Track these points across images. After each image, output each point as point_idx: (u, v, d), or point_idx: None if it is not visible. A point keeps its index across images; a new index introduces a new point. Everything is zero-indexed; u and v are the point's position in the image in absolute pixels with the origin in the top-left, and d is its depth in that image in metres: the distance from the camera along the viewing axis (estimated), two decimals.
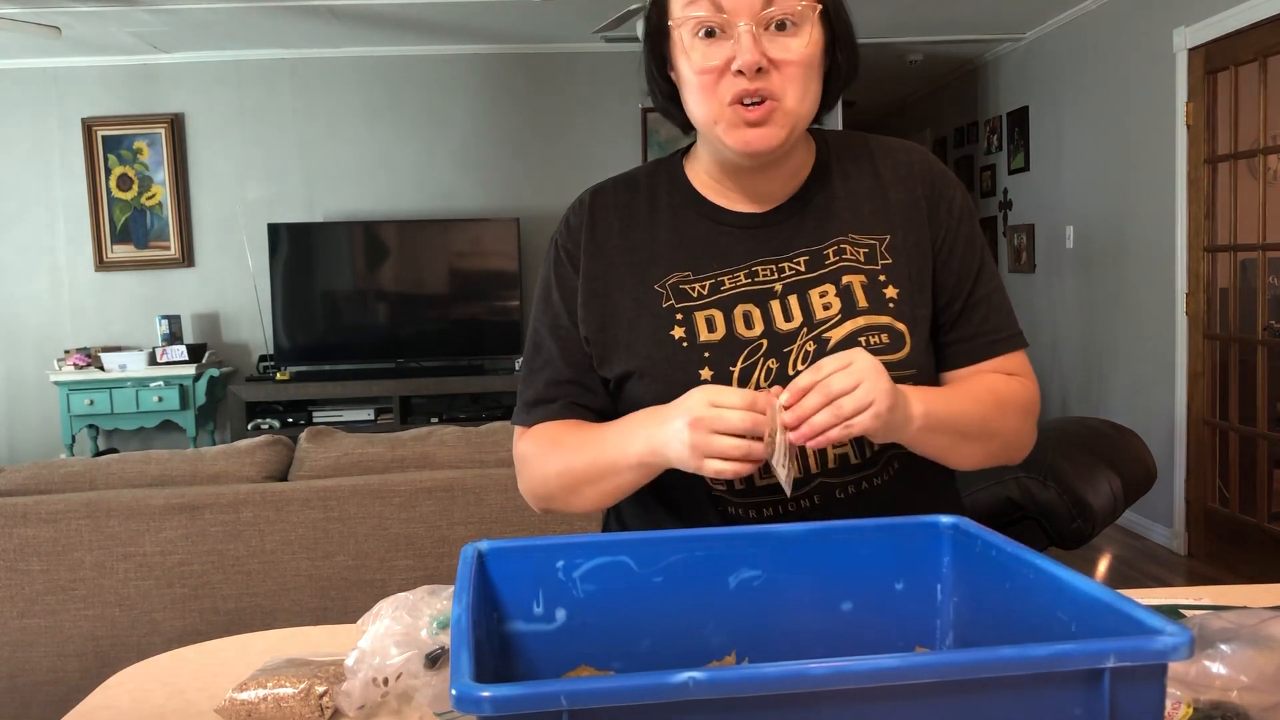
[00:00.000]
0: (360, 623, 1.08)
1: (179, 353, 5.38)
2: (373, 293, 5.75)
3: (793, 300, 1.15)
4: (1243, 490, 4.17)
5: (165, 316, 5.56)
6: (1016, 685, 0.65)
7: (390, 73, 5.79)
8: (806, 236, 1.18)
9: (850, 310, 1.14)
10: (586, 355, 1.20)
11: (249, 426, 5.36)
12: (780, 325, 1.14)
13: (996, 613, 0.86)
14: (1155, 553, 4.49)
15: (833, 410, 0.98)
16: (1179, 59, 4.31)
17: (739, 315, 1.14)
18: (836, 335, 1.13)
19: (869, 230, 1.18)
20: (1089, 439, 2.63)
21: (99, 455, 4.15)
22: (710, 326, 1.14)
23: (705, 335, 1.14)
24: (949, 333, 1.20)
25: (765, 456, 0.99)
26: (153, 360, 5.37)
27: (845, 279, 1.15)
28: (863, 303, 1.14)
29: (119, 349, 5.54)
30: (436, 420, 5.40)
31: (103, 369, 5.32)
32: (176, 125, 5.70)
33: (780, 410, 0.99)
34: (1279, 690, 0.90)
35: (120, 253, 5.73)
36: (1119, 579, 4.12)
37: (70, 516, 2.33)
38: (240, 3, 4.68)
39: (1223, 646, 0.93)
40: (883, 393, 0.99)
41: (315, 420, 5.45)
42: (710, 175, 1.21)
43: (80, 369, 5.34)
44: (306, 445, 2.57)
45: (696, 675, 0.61)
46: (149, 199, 5.72)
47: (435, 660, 1.00)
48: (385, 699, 1.01)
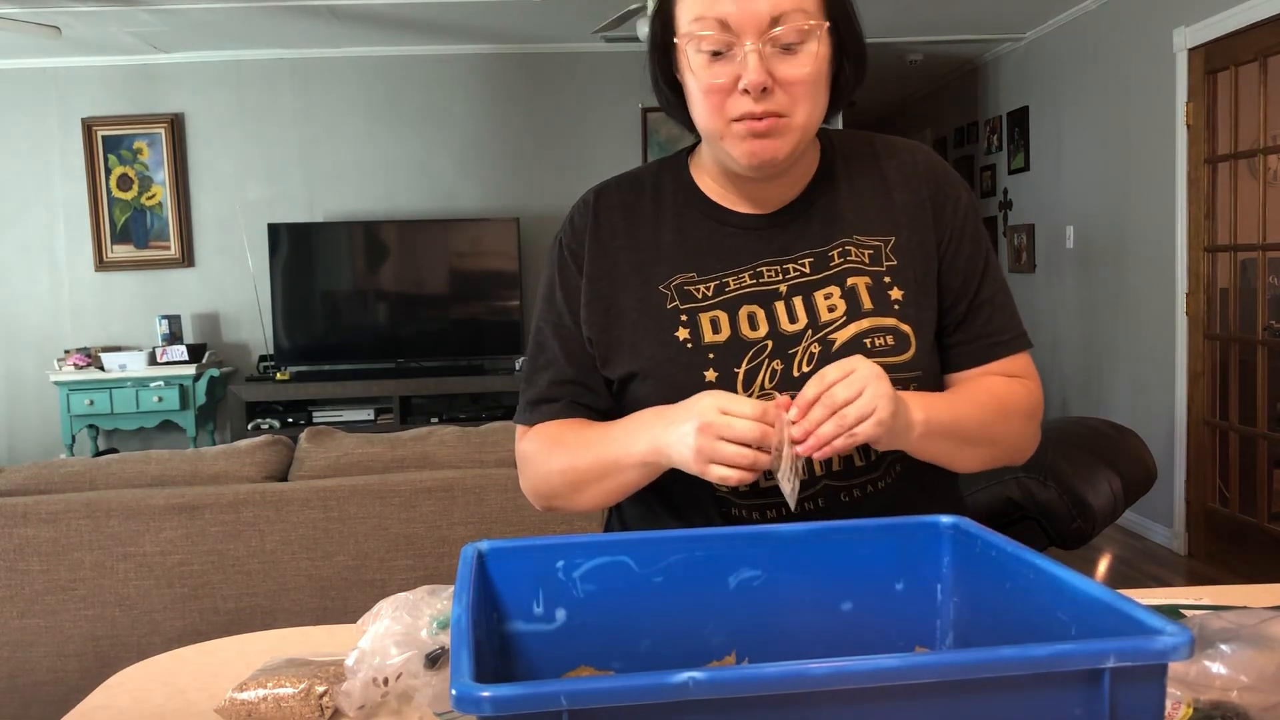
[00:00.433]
0: (360, 623, 1.08)
1: (179, 353, 5.38)
2: (373, 293, 5.75)
3: (797, 302, 1.14)
4: (1243, 490, 4.17)
5: (165, 316, 5.56)
6: (1016, 685, 0.65)
7: (390, 73, 5.79)
8: (811, 238, 1.17)
9: (855, 312, 1.14)
10: (589, 355, 1.20)
11: (249, 426, 5.36)
12: (785, 327, 1.13)
13: (996, 613, 0.86)
14: (1155, 553, 4.49)
15: (837, 420, 0.98)
16: (1179, 59, 4.31)
17: (744, 316, 1.14)
18: (841, 337, 1.12)
19: (874, 232, 1.18)
20: (1089, 439, 2.63)
21: (99, 455, 4.15)
22: (715, 328, 1.14)
23: (710, 336, 1.13)
24: (953, 334, 1.20)
25: (769, 467, 0.99)
26: (153, 360, 5.37)
27: (850, 280, 1.15)
28: (868, 304, 1.14)
29: (119, 349, 5.54)
30: (436, 420, 5.40)
31: (103, 369, 5.32)
32: (176, 125, 5.70)
33: (788, 424, 0.99)
34: (1279, 690, 0.90)
35: (120, 253, 5.73)
36: (1119, 579, 4.12)
37: (70, 516, 2.33)
38: (240, 3, 4.68)
39: (1223, 646, 0.93)
40: (885, 399, 0.99)
41: (315, 420, 5.45)
42: (715, 178, 1.20)
43: (80, 369, 5.34)
44: (306, 445, 2.57)
45: (696, 675, 0.61)
46: (149, 199, 5.72)
47: (435, 660, 1.00)
48: (385, 699, 1.01)
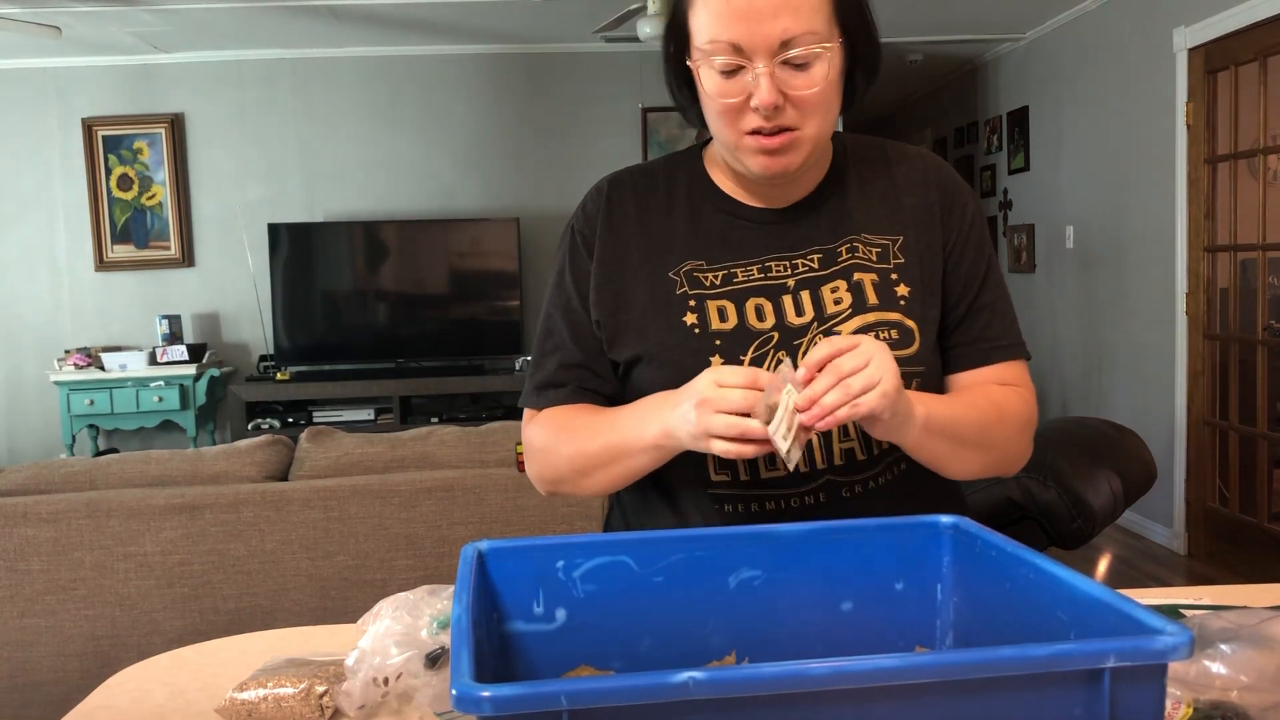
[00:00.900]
0: (360, 623, 1.08)
1: (179, 353, 5.38)
2: (373, 293, 5.75)
3: (804, 295, 1.16)
4: (1243, 490, 4.17)
5: (165, 316, 5.56)
6: (1016, 685, 0.65)
7: (390, 73, 5.79)
8: (820, 235, 1.19)
9: (861, 306, 1.15)
10: (597, 339, 1.21)
11: (249, 426, 5.36)
12: (791, 319, 1.15)
13: (996, 613, 0.86)
14: (1155, 553, 4.49)
15: (842, 389, 0.97)
16: (1179, 59, 4.31)
17: (751, 308, 1.16)
18: (846, 330, 1.14)
19: (882, 231, 1.20)
20: (1089, 439, 2.64)
21: (99, 455, 4.15)
22: (722, 316, 1.15)
23: (717, 324, 1.15)
24: (952, 336, 1.21)
25: (762, 435, 0.97)
26: (153, 360, 5.37)
27: (857, 276, 1.17)
28: (873, 299, 1.15)
29: (119, 349, 5.54)
30: (436, 420, 5.40)
31: (103, 369, 5.32)
32: (176, 125, 5.70)
33: (790, 390, 0.97)
34: (1279, 690, 0.90)
35: (120, 253, 5.73)
36: (1119, 579, 4.12)
37: (70, 516, 2.33)
38: (240, 3, 4.68)
39: (1223, 646, 0.93)
40: (890, 372, 0.98)
41: (315, 420, 5.45)
42: (727, 174, 1.23)
43: (80, 369, 5.34)
44: (306, 445, 2.57)
45: (696, 675, 0.61)
46: (149, 199, 5.72)
47: (435, 660, 1.00)
48: (385, 699, 1.01)
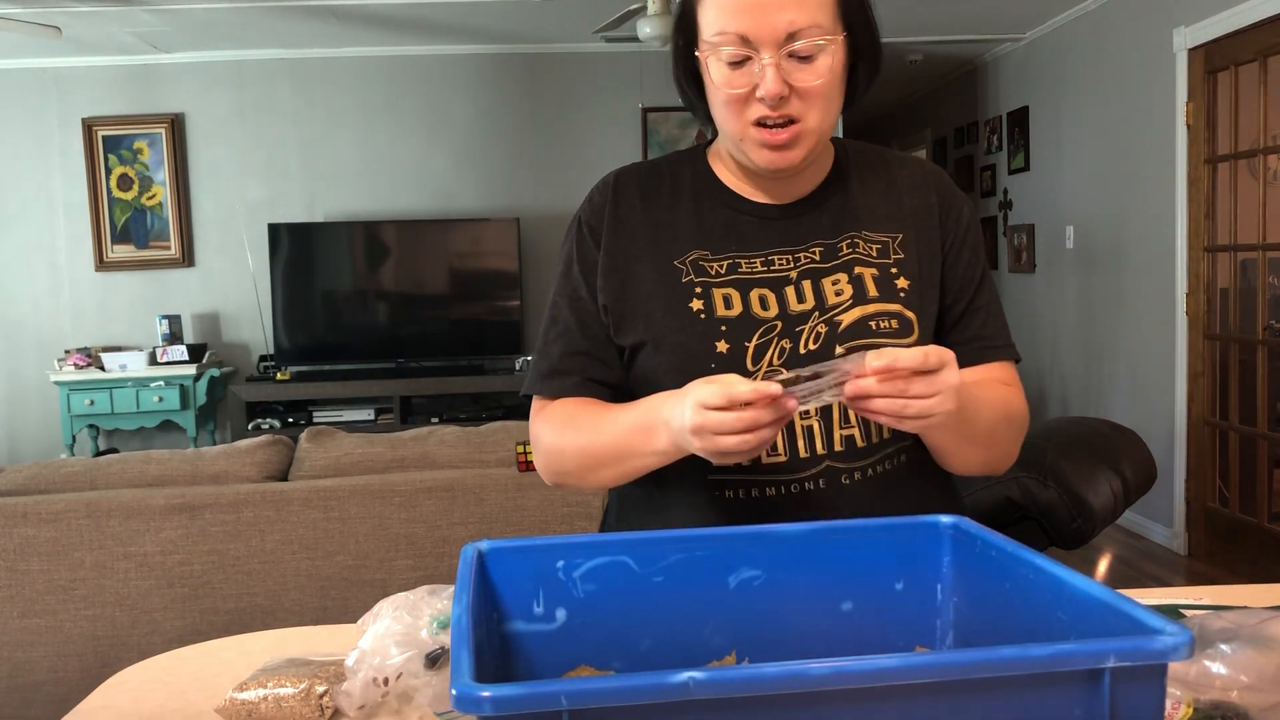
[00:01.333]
0: (360, 623, 1.08)
1: (179, 353, 5.38)
2: (373, 293, 5.75)
3: (806, 286, 1.19)
4: (1243, 490, 4.17)
5: (165, 316, 5.56)
6: (1016, 685, 0.65)
7: (390, 73, 5.79)
8: (822, 230, 1.22)
9: (861, 297, 1.18)
10: (603, 327, 1.23)
11: (249, 426, 5.36)
12: (794, 308, 1.17)
13: (996, 613, 0.86)
14: (1155, 553, 4.49)
15: (897, 407, 0.98)
16: (1179, 59, 4.31)
17: (755, 297, 1.18)
18: (847, 319, 1.17)
19: (882, 229, 1.23)
20: (1089, 439, 2.64)
21: (99, 455, 4.15)
22: (728, 303, 1.17)
23: (723, 310, 1.17)
24: (947, 334, 1.24)
25: (772, 438, 0.99)
26: (153, 360, 5.37)
27: (857, 269, 1.20)
28: (873, 291, 1.18)
29: (119, 349, 5.54)
30: (436, 420, 5.40)
31: (103, 369, 5.31)
32: (177, 125, 5.70)
33: (845, 369, 0.97)
34: (1279, 690, 0.90)
35: (120, 253, 5.73)
36: (1119, 579, 4.12)
37: (70, 516, 2.33)
38: (240, 3, 4.68)
39: (1223, 646, 0.93)
40: (947, 413, 0.99)
41: (315, 420, 5.45)
42: (732, 170, 1.25)
43: (80, 369, 5.34)
44: (306, 445, 2.57)
45: (696, 675, 0.61)
46: (149, 199, 5.72)
47: (435, 660, 1.00)
48: (385, 699, 1.01)
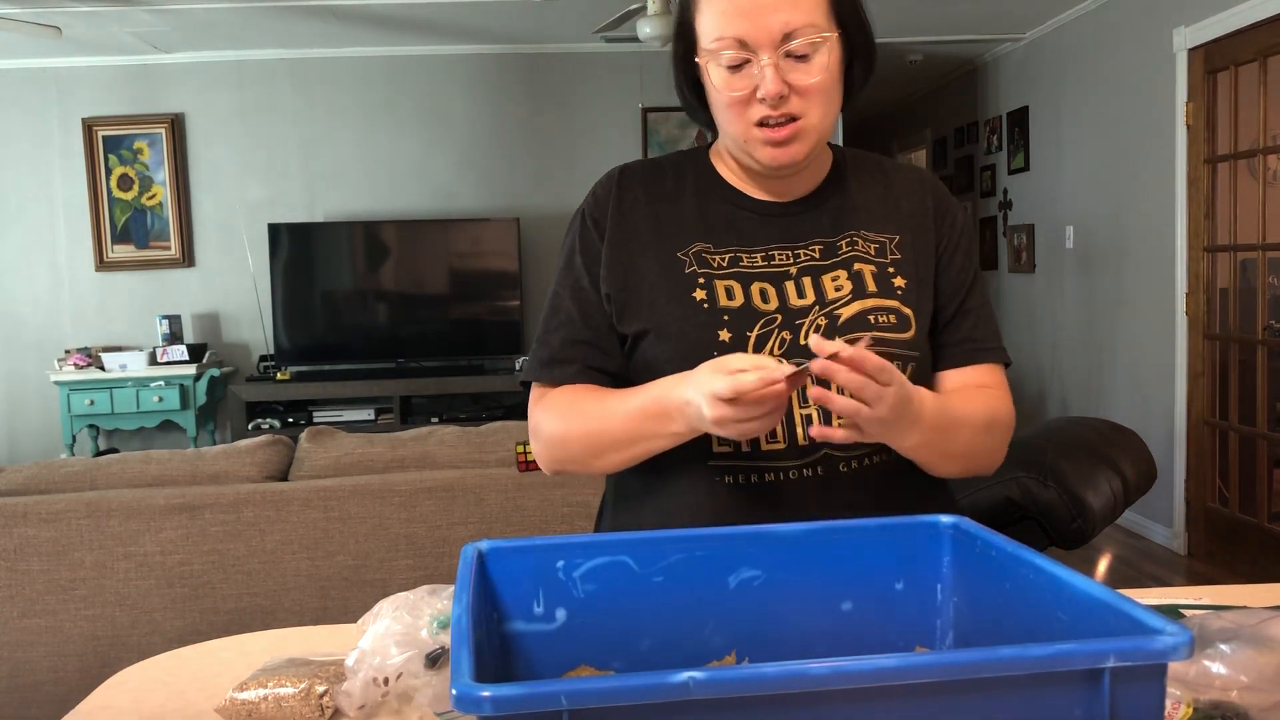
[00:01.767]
0: (360, 623, 1.08)
1: (179, 353, 5.37)
2: (373, 293, 5.75)
3: (806, 281, 1.21)
4: (1243, 490, 4.17)
5: (165, 316, 5.56)
6: (1016, 685, 0.65)
7: (390, 73, 5.79)
8: (822, 228, 1.25)
9: (860, 292, 1.20)
10: (605, 317, 1.24)
11: (249, 426, 5.36)
12: (794, 302, 1.20)
13: (996, 613, 0.86)
14: (1155, 553, 4.49)
15: (857, 384, 1.01)
16: (1179, 59, 4.30)
17: (756, 290, 1.20)
18: (847, 313, 1.19)
19: (880, 229, 1.26)
20: (1089, 439, 2.63)
21: (99, 455, 4.15)
22: (730, 295, 1.20)
23: (725, 301, 1.19)
24: (940, 335, 1.27)
25: (785, 407, 1.03)
26: (153, 360, 5.37)
27: (856, 266, 1.22)
28: (872, 287, 1.21)
29: (119, 349, 5.54)
30: (436, 420, 5.40)
31: (103, 369, 5.31)
32: (177, 125, 5.70)
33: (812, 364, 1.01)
34: (1279, 690, 0.90)
35: (120, 253, 5.73)
36: (1119, 579, 4.12)
37: (70, 516, 2.33)
38: (240, 3, 4.68)
39: (1223, 646, 0.93)
40: (869, 421, 1.03)
41: (315, 420, 5.45)
42: (734, 170, 1.28)
43: (80, 369, 5.34)
44: (307, 445, 2.57)
45: (696, 675, 0.61)
46: (149, 199, 5.72)
47: (435, 660, 1.00)
48: (385, 699, 1.01)
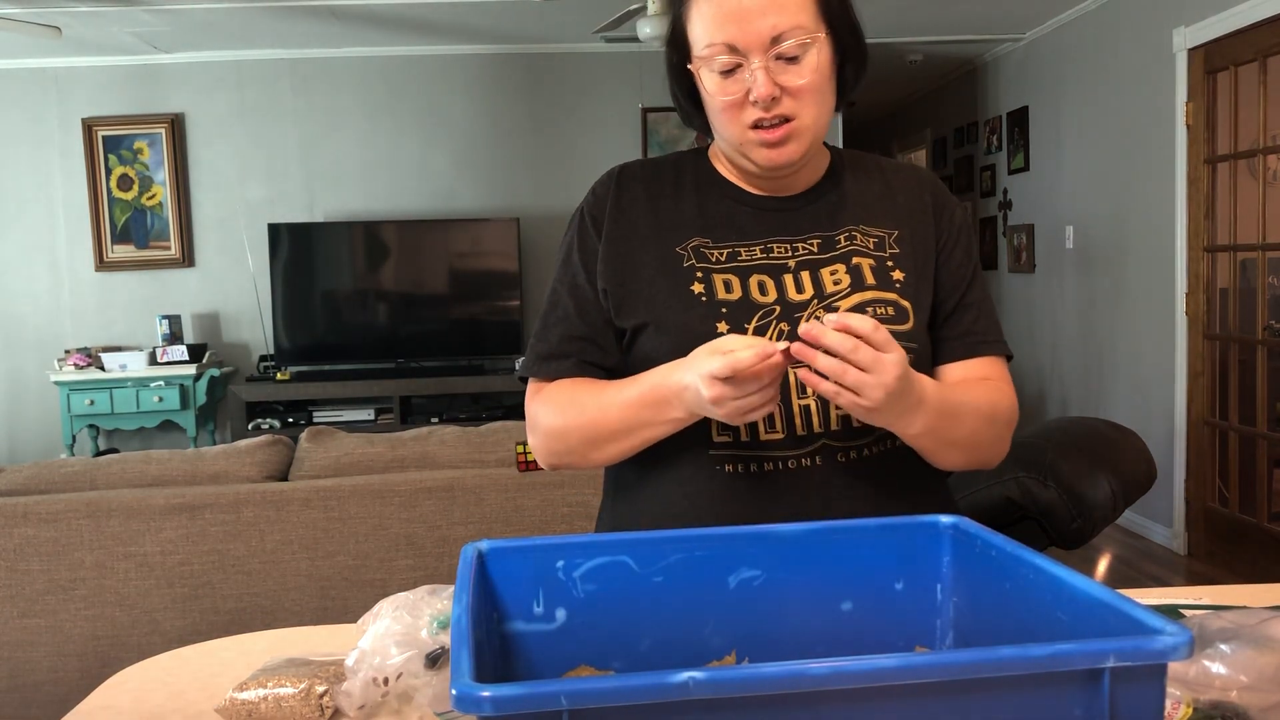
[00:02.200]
0: (360, 623, 1.08)
1: (179, 353, 5.37)
2: (373, 293, 5.75)
3: (805, 276, 1.22)
4: (1242, 490, 4.17)
5: (165, 316, 5.56)
6: (1016, 685, 0.65)
7: (390, 73, 5.79)
8: (821, 223, 1.26)
9: (859, 285, 1.21)
10: (602, 313, 1.25)
11: (249, 426, 5.36)
12: (792, 296, 1.20)
13: (996, 613, 0.86)
14: (1155, 553, 4.49)
15: (838, 369, 1.00)
16: (1179, 59, 4.30)
17: (754, 283, 1.21)
18: (845, 305, 1.20)
19: (879, 224, 1.27)
20: (1089, 439, 2.63)
21: (99, 455, 4.15)
22: (728, 288, 1.20)
23: (723, 294, 1.20)
24: (940, 328, 1.27)
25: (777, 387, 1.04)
26: (153, 360, 5.37)
27: (855, 260, 1.23)
28: (870, 281, 1.22)
29: (119, 349, 5.54)
30: (436, 420, 5.40)
31: (103, 369, 5.31)
32: (177, 125, 5.70)
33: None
34: (1279, 690, 0.90)
35: (120, 253, 5.73)
36: (1119, 579, 4.12)
37: (70, 516, 2.33)
38: (240, 3, 4.68)
39: (1223, 646, 0.93)
40: (874, 402, 1.02)
41: (315, 420, 5.45)
42: (731, 172, 1.29)
43: (80, 369, 5.34)
44: (307, 445, 2.57)
45: (696, 675, 0.61)
46: (149, 199, 5.72)
47: (435, 660, 1.00)
48: (385, 699, 1.01)
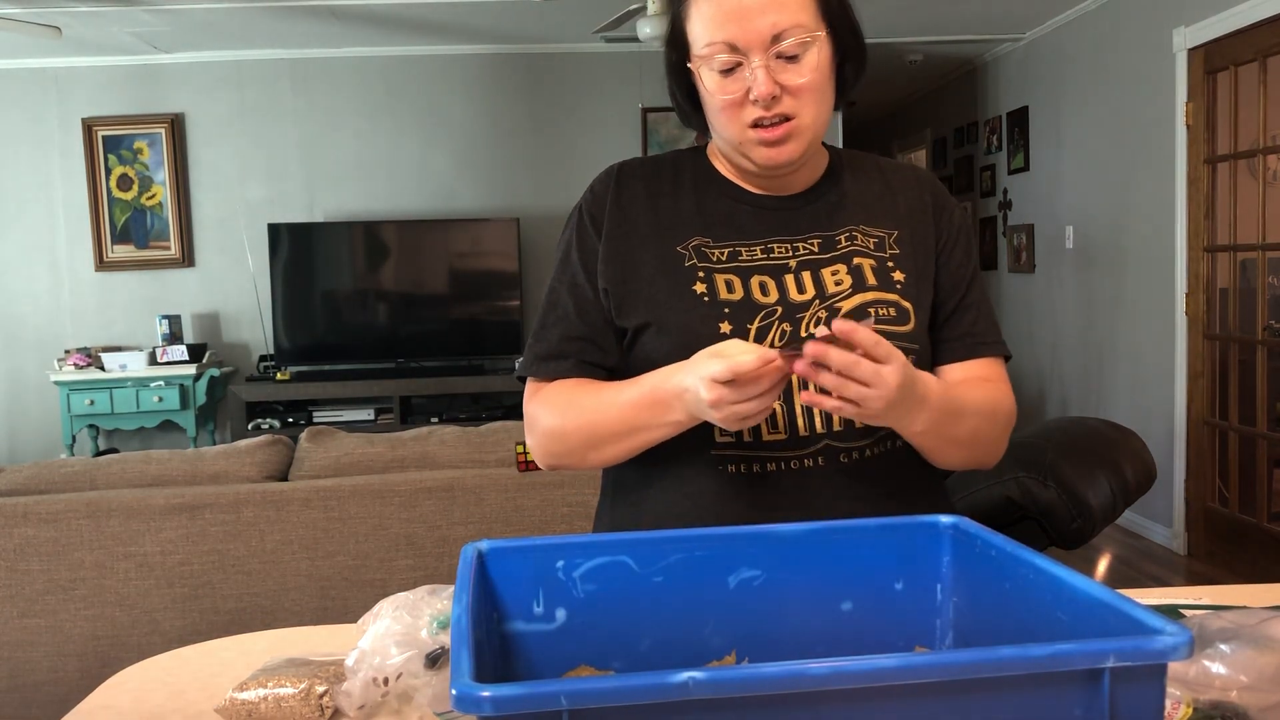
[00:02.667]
0: (360, 623, 1.08)
1: (179, 353, 5.37)
2: (373, 293, 5.75)
3: (806, 276, 1.21)
4: (1242, 490, 4.17)
5: (165, 316, 5.56)
6: (1016, 685, 0.65)
7: (390, 73, 5.79)
8: (821, 223, 1.25)
9: (860, 285, 1.21)
10: (601, 313, 1.24)
11: (249, 426, 5.35)
12: (794, 296, 1.20)
13: (996, 613, 0.86)
14: (1155, 553, 4.49)
15: (838, 382, 1.00)
16: (1179, 59, 4.30)
17: (755, 284, 1.20)
18: (847, 306, 1.19)
19: (879, 224, 1.26)
20: (1089, 439, 2.63)
21: (99, 455, 4.15)
22: (729, 288, 1.20)
23: (725, 294, 1.19)
24: (940, 330, 1.27)
25: (778, 396, 1.03)
26: (153, 360, 5.37)
27: (856, 260, 1.22)
28: (872, 281, 1.21)
29: (119, 349, 5.54)
30: (436, 420, 5.40)
31: (103, 369, 5.31)
32: (177, 125, 5.70)
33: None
34: (1279, 690, 0.90)
35: (120, 253, 5.73)
36: (1119, 579, 4.12)
37: (70, 516, 2.33)
38: (240, 3, 4.68)
39: (1223, 646, 0.93)
40: (876, 412, 1.02)
41: (315, 420, 5.45)
42: (730, 171, 1.28)
43: (80, 369, 5.33)
44: (306, 445, 2.57)
45: (696, 675, 0.61)
46: (149, 199, 5.72)
47: (435, 660, 1.00)
48: (385, 699, 1.01)
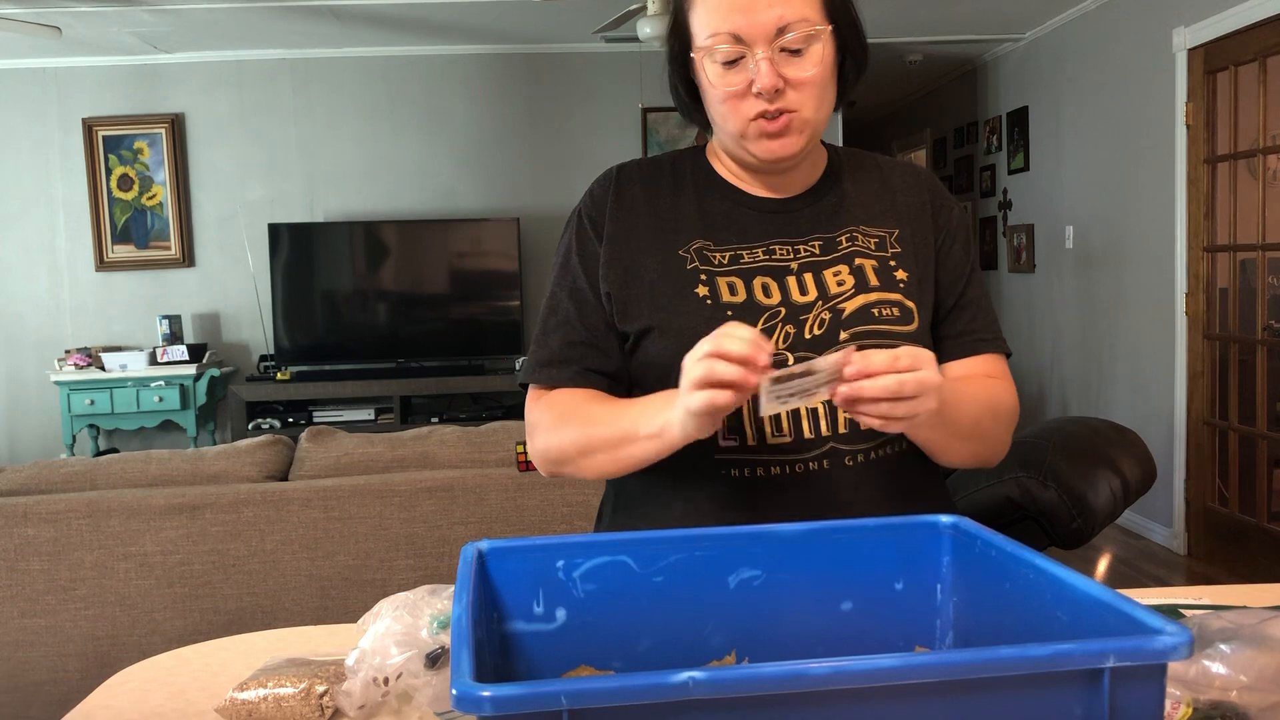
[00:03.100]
0: (360, 622, 1.08)
1: (179, 353, 5.37)
2: (373, 293, 5.75)
3: (808, 278, 1.21)
4: (1242, 490, 4.17)
5: (166, 316, 5.56)
6: (1016, 685, 0.65)
7: (390, 73, 5.79)
8: (821, 224, 1.25)
9: (863, 286, 1.20)
10: (603, 317, 1.24)
11: (249, 426, 5.36)
12: (796, 298, 1.20)
13: (996, 613, 0.86)
14: (1155, 553, 4.49)
15: (884, 409, 0.98)
16: (1179, 59, 4.31)
17: (758, 286, 1.20)
18: (850, 307, 1.19)
19: (879, 224, 1.26)
20: (1089, 439, 2.63)
21: (99, 455, 4.15)
22: (732, 290, 1.20)
23: (728, 297, 1.19)
24: (940, 328, 1.27)
25: (733, 404, 0.96)
26: (153, 360, 5.37)
27: (858, 261, 1.22)
28: (874, 281, 1.21)
29: (119, 349, 5.54)
30: (436, 420, 5.40)
31: (103, 369, 5.31)
32: (177, 125, 5.70)
33: (826, 366, 0.95)
34: (1279, 690, 0.90)
35: (121, 253, 5.73)
36: (1119, 579, 4.12)
37: (70, 516, 2.33)
38: (240, 3, 4.68)
39: (1223, 646, 0.93)
40: (929, 411, 1.00)
41: (315, 420, 5.45)
42: (730, 169, 1.28)
43: (81, 369, 5.33)
44: (307, 445, 2.57)
45: (696, 675, 0.61)
46: (149, 199, 5.72)
47: (435, 660, 1.00)
48: (385, 699, 1.01)
